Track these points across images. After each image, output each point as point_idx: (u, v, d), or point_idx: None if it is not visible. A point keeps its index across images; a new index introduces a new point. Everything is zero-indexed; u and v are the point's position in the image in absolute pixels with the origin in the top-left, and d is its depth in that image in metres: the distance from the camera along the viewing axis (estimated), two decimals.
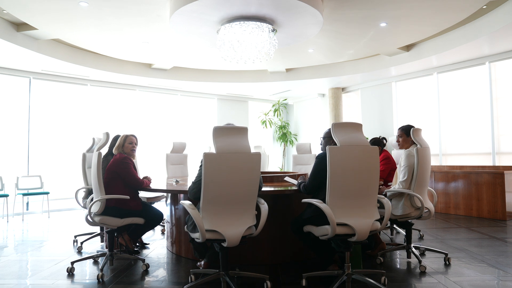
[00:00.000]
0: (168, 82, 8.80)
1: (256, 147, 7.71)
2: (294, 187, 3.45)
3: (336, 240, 2.83)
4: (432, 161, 5.40)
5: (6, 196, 6.45)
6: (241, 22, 5.01)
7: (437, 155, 7.74)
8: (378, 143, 4.43)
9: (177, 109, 9.94)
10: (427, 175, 3.62)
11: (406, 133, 3.68)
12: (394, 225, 4.87)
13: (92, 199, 3.52)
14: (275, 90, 10.04)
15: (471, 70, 7.29)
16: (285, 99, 11.24)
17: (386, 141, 4.57)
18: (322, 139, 3.25)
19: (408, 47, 7.13)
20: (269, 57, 5.52)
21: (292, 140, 11.11)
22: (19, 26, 5.89)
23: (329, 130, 3.12)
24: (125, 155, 3.72)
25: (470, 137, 7.29)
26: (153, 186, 3.75)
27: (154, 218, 3.76)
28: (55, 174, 7.92)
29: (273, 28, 5.23)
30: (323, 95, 10.51)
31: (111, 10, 5.13)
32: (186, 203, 2.72)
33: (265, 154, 7.66)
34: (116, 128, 8.50)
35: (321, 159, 2.94)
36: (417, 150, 3.44)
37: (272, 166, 11.16)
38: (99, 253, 3.77)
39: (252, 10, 4.81)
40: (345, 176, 2.74)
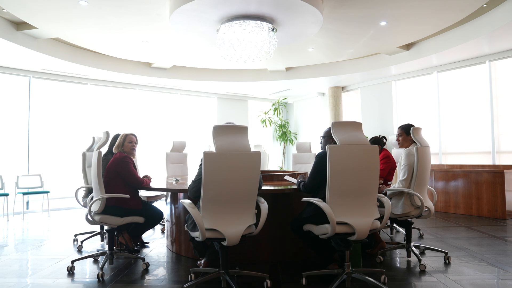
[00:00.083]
0: (168, 81, 8.79)
1: (256, 146, 7.72)
2: (294, 186, 3.45)
3: (336, 239, 2.84)
4: (432, 160, 5.40)
5: (6, 195, 6.46)
6: (241, 21, 5.01)
7: (437, 154, 7.74)
8: (378, 142, 4.43)
9: (177, 108, 9.94)
10: (427, 174, 3.62)
11: (406, 132, 3.68)
12: (394, 224, 4.87)
13: (92, 198, 3.52)
14: (275, 89, 10.04)
15: (471, 69, 7.29)
16: (285, 98, 11.23)
17: (386, 140, 4.58)
18: (322, 138, 3.25)
19: (408, 46, 7.13)
20: (269, 56, 5.52)
21: (292, 139, 11.11)
22: (19, 25, 5.88)
23: (329, 129, 3.12)
24: (125, 154, 3.73)
25: (470, 136, 7.28)
26: (153, 185, 3.75)
27: (154, 217, 3.77)
28: (55, 173, 7.92)
29: (273, 27, 5.23)
30: (323, 94, 10.51)
31: (111, 9, 5.13)
32: (186, 202, 2.73)
33: (265, 153, 7.66)
34: (116, 127, 8.51)
35: (321, 158, 2.94)
36: (417, 149, 3.44)
37: (272, 165, 11.16)
38: (99, 252, 3.78)
39: (252, 9, 4.81)
40: (345, 175, 2.75)
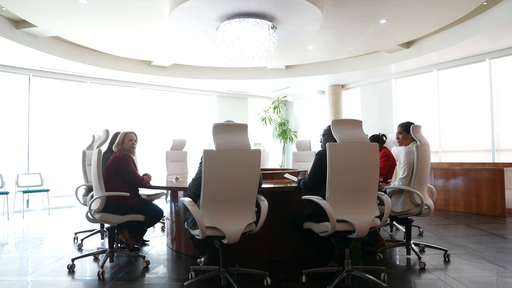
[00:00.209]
0: (168, 79, 8.78)
1: (255, 144, 7.72)
2: (294, 184, 3.46)
3: (336, 236, 2.84)
4: (431, 158, 5.40)
5: (6, 193, 6.46)
6: (241, 19, 5.00)
7: (437, 152, 7.74)
8: (377, 140, 4.43)
9: (176, 106, 9.93)
10: (427, 172, 3.62)
11: (406, 130, 3.68)
12: (394, 222, 4.88)
13: (92, 196, 3.52)
14: (274, 87, 10.03)
15: (471, 67, 7.28)
16: (285, 96, 11.23)
17: (386, 138, 4.58)
18: (321, 136, 3.26)
19: (408, 44, 7.12)
20: (269, 54, 5.52)
21: (292, 137, 11.11)
22: (18, 23, 5.87)
23: (328, 127, 3.12)
24: (125, 152, 3.72)
25: (470, 134, 7.29)
26: (153, 183, 3.76)
27: (154, 215, 3.77)
28: (55, 172, 7.93)
29: (273, 25, 5.22)
30: (323, 92, 10.50)
31: (110, 7, 5.12)
32: (186, 200, 2.73)
33: (265, 151, 7.67)
34: (116, 125, 8.51)
35: (321, 156, 2.94)
36: (417, 147, 3.44)
37: (272, 163, 11.16)
38: (100, 250, 3.78)
39: (252, 7, 4.80)
40: (345, 173, 2.75)
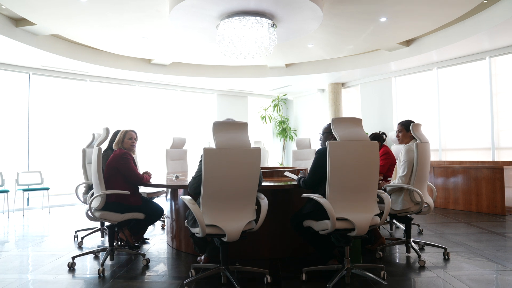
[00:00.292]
0: (168, 77, 8.78)
1: (255, 143, 7.72)
2: (294, 182, 3.46)
3: (335, 234, 2.85)
4: (431, 156, 5.41)
5: (6, 191, 6.46)
6: (241, 17, 4.99)
7: (437, 150, 7.74)
8: (377, 138, 4.43)
9: (176, 105, 9.93)
10: (427, 170, 3.62)
11: (406, 128, 3.68)
12: (394, 220, 4.88)
13: (92, 195, 3.52)
14: (274, 86, 10.03)
15: (471, 65, 7.28)
16: (285, 95, 11.22)
17: (386, 136, 4.57)
18: (321, 134, 3.26)
19: (408, 42, 7.11)
20: (269, 52, 5.51)
21: (292, 136, 11.11)
22: (18, 21, 5.86)
23: (328, 125, 3.12)
24: (125, 150, 3.72)
25: (470, 132, 7.29)
26: (153, 182, 3.76)
27: (155, 213, 3.77)
28: (55, 170, 7.93)
29: (273, 23, 5.21)
30: (323, 90, 10.49)
31: (110, 6, 5.11)
32: (186, 198, 2.73)
33: (265, 150, 7.67)
34: (115, 124, 8.51)
35: (320, 154, 2.95)
36: (416, 145, 3.44)
37: (272, 162, 11.17)
38: (100, 248, 3.78)
39: (252, 5, 4.79)
40: (345, 171, 2.75)
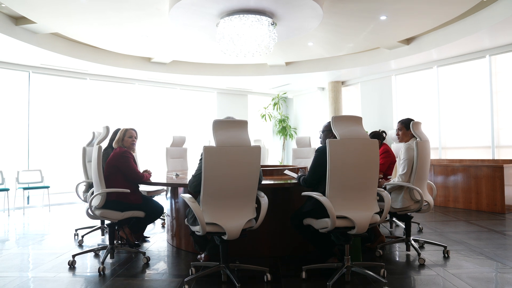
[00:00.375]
0: (168, 76, 8.77)
1: (255, 141, 7.71)
2: (294, 181, 3.46)
3: (335, 233, 2.85)
4: (431, 155, 5.41)
5: (6, 190, 6.47)
6: (241, 15, 4.98)
7: (437, 148, 7.75)
8: (377, 137, 4.43)
9: (176, 103, 9.93)
10: (427, 169, 3.62)
11: (406, 127, 3.68)
12: (394, 218, 4.89)
13: (92, 193, 3.53)
14: (274, 84, 10.02)
15: (471, 64, 7.27)
16: (285, 93, 11.22)
17: (386, 135, 4.57)
18: (321, 132, 3.26)
19: (408, 41, 7.11)
20: (269, 51, 5.50)
21: (292, 134, 11.11)
22: (18, 20, 5.86)
23: (328, 123, 3.12)
24: (125, 149, 3.73)
25: (470, 131, 7.29)
26: (153, 180, 3.76)
27: (155, 212, 3.78)
28: (55, 168, 7.93)
29: (273, 21, 5.21)
30: (323, 88, 10.49)
31: (110, 4, 5.10)
32: (186, 196, 2.73)
33: (265, 148, 7.67)
34: (116, 122, 8.50)
35: (320, 153, 2.95)
36: (416, 144, 3.44)
37: (272, 160, 11.17)
38: (100, 246, 3.80)
39: (252, 3, 4.79)
40: (345, 169, 2.75)
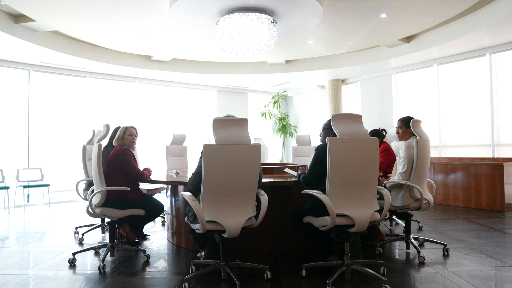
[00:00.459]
0: (168, 74, 8.76)
1: (255, 139, 7.71)
2: (294, 179, 3.46)
3: (335, 231, 2.85)
4: (431, 153, 5.41)
5: (7, 188, 6.47)
6: (241, 13, 4.97)
7: (437, 146, 7.75)
8: (377, 135, 4.43)
9: (176, 101, 9.92)
10: (427, 167, 3.63)
11: (406, 125, 3.68)
12: (394, 216, 4.90)
13: (92, 191, 3.53)
14: (274, 82, 10.01)
15: (471, 62, 7.26)
16: (285, 91, 11.21)
17: (386, 133, 4.58)
18: (321, 130, 3.26)
19: (408, 39, 7.09)
20: (269, 49, 5.50)
21: (292, 132, 11.11)
22: (18, 17, 5.84)
23: (328, 121, 3.13)
24: (125, 147, 3.73)
25: (470, 129, 7.28)
26: (153, 178, 3.76)
27: (155, 210, 3.79)
28: (55, 166, 7.94)
29: (273, 19, 5.20)
30: (323, 87, 10.48)
31: (110, 2, 5.09)
32: (186, 194, 2.74)
33: (265, 146, 7.66)
34: (116, 120, 8.51)
35: (320, 151, 2.95)
36: (416, 142, 3.44)
37: (272, 158, 11.17)
38: (100, 244, 3.80)
39: (252, 1, 4.78)
40: (345, 167, 2.75)
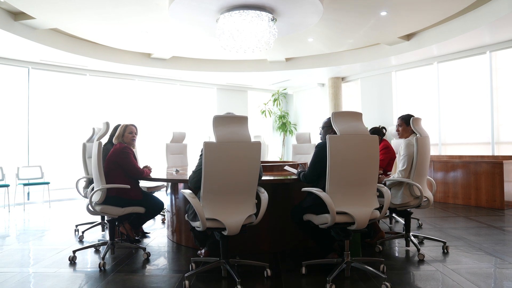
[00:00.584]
0: (167, 71, 8.75)
1: (255, 137, 7.71)
2: (294, 176, 3.47)
3: (335, 228, 2.86)
4: (431, 151, 5.41)
5: (7, 186, 6.47)
6: (241, 11, 4.96)
7: (437, 144, 7.75)
8: (377, 133, 4.42)
9: (176, 99, 9.91)
10: (427, 165, 3.63)
11: (406, 123, 3.68)
12: (393, 214, 4.90)
13: (92, 189, 3.53)
14: (274, 80, 10.00)
15: (471, 60, 7.26)
16: (285, 89, 11.20)
17: (386, 131, 4.57)
18: (321, 128, 3.26)
19: (408, 36, 7.09)
20: (269, 47, 5.49)
21: (292, 130, 11.11)
22: (17, 15, 5.83)
23: (328, 119, 3.13)
24: (125, 144, 3.73)
25: (470, 127, 7.29)
26: (153, 176, 3.77)
27: (155, 207, 3.79)
28: (55, 164, 7.94)
29: (273, 17, 5.19)
30: (323, 84, 10.47)
31: None
32: (186, 192, 2.74)
33: (265, 144, 7.67)
34: (116, 118, 8.50)
35: (320, 148, 2.95)
36: (416, 140, 3.44)
37: (272, 156, 11.18)
38: (101, 242, 3.81)
39: None
40: (345, 165, 2.75)
